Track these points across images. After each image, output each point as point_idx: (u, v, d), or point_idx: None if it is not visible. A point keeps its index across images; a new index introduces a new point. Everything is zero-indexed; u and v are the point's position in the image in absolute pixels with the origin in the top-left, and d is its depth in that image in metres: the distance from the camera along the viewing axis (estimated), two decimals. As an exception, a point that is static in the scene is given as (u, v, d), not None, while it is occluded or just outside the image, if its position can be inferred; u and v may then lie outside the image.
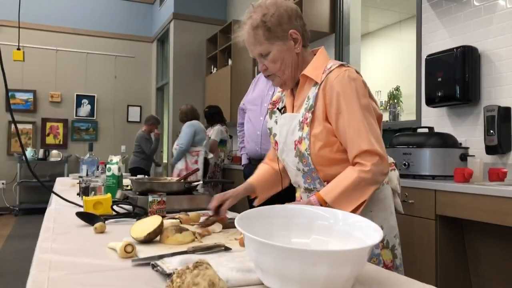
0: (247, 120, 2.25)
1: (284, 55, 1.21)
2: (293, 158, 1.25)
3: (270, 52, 1.21)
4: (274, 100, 1.40)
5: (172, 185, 1.69)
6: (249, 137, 2.20)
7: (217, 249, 0.98)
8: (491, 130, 2.35)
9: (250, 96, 2.27)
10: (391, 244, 1.24)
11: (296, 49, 1.22)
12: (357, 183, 1.10)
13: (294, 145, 1.23)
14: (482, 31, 2.58)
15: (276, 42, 1.20)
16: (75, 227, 1.30)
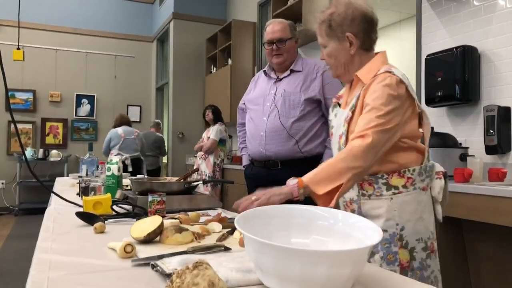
0: (248, 120, 2.17)
1: (338, 54, 1.32)
2: (336, 151, 1.35)
3: (327, 46, 1.34)
4: (339, 95, 1.49)
5: (171, 185, 1.69)
6: (252, 137, 2.11)
7: (217, 249, 0.97)
8: (491, 130, 2.35)
9: (251, 95, 2.19)
10: (411, 246, 1.26)
11: (351, 51, 1.31)
12: (333, 165, 1.17)
13: (338, 139, 1.34)
14: (482, 31, 2.58)
15: (333, 40, 1.32)
16: (75, 227, 1.30)
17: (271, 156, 2.03)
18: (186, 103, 6.45)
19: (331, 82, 2.01)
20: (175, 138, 6.39)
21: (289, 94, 2.01)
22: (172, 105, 6.41)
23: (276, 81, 2.10)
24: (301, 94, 1.99)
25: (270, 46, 2.06)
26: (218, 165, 4.68)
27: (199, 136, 5.06)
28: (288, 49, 2.06)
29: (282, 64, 2.08)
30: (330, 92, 1.95)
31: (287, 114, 1.99)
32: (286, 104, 2.00)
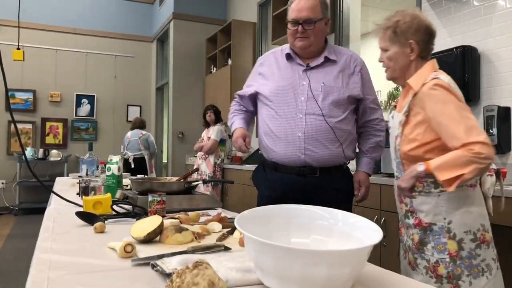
0: (270, 116, 1.73)
1: (398, 57, 1.48)
2: (392, 150, 1.55)
3: (388, 50, 1.50)
4: (396, 99, 1.70)
5: (171, 185, 1.69)
6: (281, 139, 1.68)
7: (217, 249, 0.98)
8: (491, 130, 2.35)
9: (274, 84, 1.73)
10: (459, 237, 1.40)
11: (411, 56, 1.47)
12: (459, 157, 1.27)
13: (394, 139, 1.53)
14: (481, 31, 2.58)
15: (395, 45, 1.48)
16: (74, 227, 1.30)
17: (311, 163, 1.67)
18: (186, 103, 6.44)
19: (369, 80, 1.79)
20: (175, 138, 6.39)
21: (330, 88, 1.67)
22: (172, 105, 6.41)
23: (306, 69, 1.71)
24: (344, 90, 1.68)
25: (295, 27, 1.65)
26: (219, 165, 4.68)
27: (199, 136, 5.05)
28: (317, 32, 1.67)
29: (307, 49, 1.70)
30: (368, 91, 1.77)
31: (330, 113, 1.66)
32: (329, 101, 1.66)
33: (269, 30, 5.19)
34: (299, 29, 1.64)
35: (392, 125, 1.58)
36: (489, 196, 1.48)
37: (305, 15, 1.64)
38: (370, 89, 1.79)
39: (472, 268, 1.40)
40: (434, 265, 1.41)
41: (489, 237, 1.45)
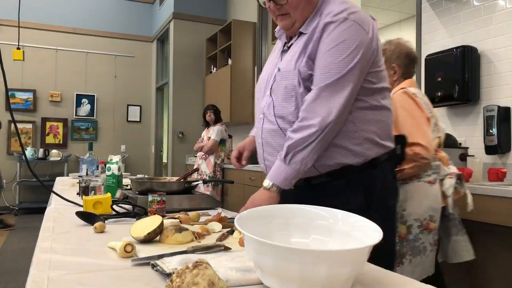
0: None
1: None
2: None
3: None
4: None
5: (172, 184, 1.69)
6: (256, 145, 1.45)
7: (217, 249, 0.98)
8: (491, 130, 2.36)
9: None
10: (409, 223, 1.72)
11: (394, 77, 1.88)
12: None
13: None
14: (481, 31, 2.58)
15: None
16: (74, 226, 1.30)
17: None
18: (186, 103, 6.45)
19: (328, 44, 1.19)
20: (175, 138, 6.39)
21: (281, 75, 1.27)
22: (172, 105, 6.41)
23: (283, 50, 1.35)
24: (294, 73, 1.23)
25: (268, 4, 1.28)
26: (219, 165, 4.68)
27: (199, 136, 5.05)
28: (294, 4, 1.24)
29: (291, 28, 1.29)
30: (319, 63, 1.19)
31: (280, 110, 1.27)
32: (279, 93, 1.27)
33: (269, 30, 5.20)
34: (271, 6, 1.27)
35: None
36: (448, 195, 1.77)
37: None
38: (325, 58, 1.18)
39: (414, 249, 1.72)
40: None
41: (433, 226, 1.74)
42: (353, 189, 1.24)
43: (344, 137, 1.23)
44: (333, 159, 1.23)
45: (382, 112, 1.28)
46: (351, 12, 1.18)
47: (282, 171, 1.18)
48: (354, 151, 1.23)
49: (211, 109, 4.82)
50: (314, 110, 1.16)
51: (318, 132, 1.15)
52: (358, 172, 1.24)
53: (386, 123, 1.30)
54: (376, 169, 1.26)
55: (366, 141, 1.24)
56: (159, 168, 7.59)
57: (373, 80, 1.24)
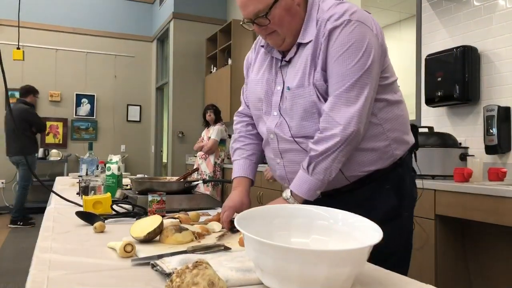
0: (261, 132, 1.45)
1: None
2: None
3: None
4: None
5: (172, 184, 1.69)
6: (271, 164, 1.41)
7: (217, 249, 0.98)
8: (491, 130, 2.35)
9: (249, 92, 1.39)
10: None
11: None
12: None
13: None
14: (482, 31, 2.58)
15: None
16: (74, 226, 1.30)
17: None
18: (186, 103, 6.44)
19: (336, 52, 1.12)
20: (175, 138, 6.39)
21: (294, 93, 1.18)
22: (172, 104, 6.41)
23: (282, 65, 1.25)
24: (311, 89, 1.16)
25: (252, 27, 1.21)
26: (219, 165, 4.67)
27: (199, 136, 5.05)
28: (280, 21, 1.16)
29: (282, 44, 1.21)
30: (330, 73, 1.13)
31: (303, 129, 1.19)
32: (297, 112, 1.18)
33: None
34: (256, 28, 1.19)
35: None
36: None
37: (251, 10, 1.15)
38: (337, 65, 1.12)
39: None
40: None
41: None
42: (385, 191, 1.21)
43: (372, 141, 1.19)
44: (363, 166, 1.19)
45: (399, 106, 1.24)
46: (352, 12, 1.14)
47: (305, 181, 1.14)
48: (383, 154, 1.19)
49: (211, 109, 4.81)
50: (334, 119, 1.11)
51: (342, 141, 1.10)
52: (387, 174, 1.21)
53: (404, 117, 1.26)
54: (402, 167, 1.24)
55: (393, 141, 1.21)
56: (159, 168, 7.59)
57: (386, 75, 1.21)
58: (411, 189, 1.29)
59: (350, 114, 1.09)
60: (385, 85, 1.20)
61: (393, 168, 1.21)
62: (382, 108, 1.19)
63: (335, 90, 1.12)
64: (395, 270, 0.86)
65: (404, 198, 1.23)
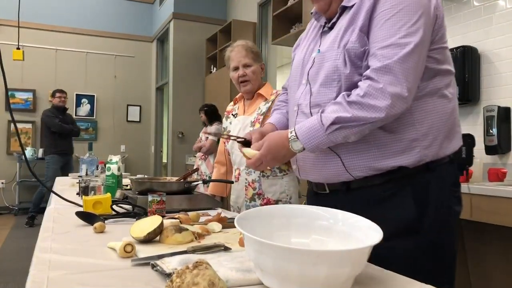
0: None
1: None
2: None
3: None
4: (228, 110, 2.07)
5: (171, 185, 1.69)
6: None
7: (217, 249, 0.97)
8: (491, 130, 2.36)
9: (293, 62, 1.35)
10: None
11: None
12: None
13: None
14: (482, 31, 2.58)
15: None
16: (74, 226, 1.30)
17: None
18: (186, 103, 6.44)
19: (386, 13, 1.01)
20: (175, 138, 6.39)
21: (322, 58, 1.11)
22: (172, 105, 6.41)
23: (323, 31, 1.19)
24: (340, 52, 1.06)
25: None
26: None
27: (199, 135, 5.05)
28: None
29: (328, 9, 1.16)
30: (378, 33, 1.01)
31: (317, 99, 1.11)
32: (319, 79, 1.10)
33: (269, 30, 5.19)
34: None
35: (237, 126, 1.95)
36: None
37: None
38: (385, 28, 1.00)
39: None
40: None
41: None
42: (401, 196, 1.05)
43: (398, 131, 1.03)
44: (381, 159, 1.04)
45: (445, 101, 1.07)
46: None
47: (317, 136, 1.02)
48: (408, 149, 1.03)
49: (202, 110, 4.85)
50: (384, 89, 0.96)
51: (382, 119, 0.97)
52: (409, 176, 1.04)
53: (450, 117, 1.08)
54: (432, 173, 1.05)
55: (423, 138, 1.03)
56: (159, 168, 7.59)
57: (437, 58, 1.05)
58: (443, 206, 1.07)
59: (401, 89, 0.96)
60: (434, 70, 1.05)
61: (418, 171, 1.04)
62: (420, 96, 1.04)
63: (385, 57, 0.99)
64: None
65: (426, 212, 1.04)
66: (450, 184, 1.10)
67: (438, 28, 1.05)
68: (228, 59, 2.02)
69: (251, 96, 1.99)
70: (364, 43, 1.03)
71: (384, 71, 0.97)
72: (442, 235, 1.07)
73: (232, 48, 2.00)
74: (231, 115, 2.09)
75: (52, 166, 5.54)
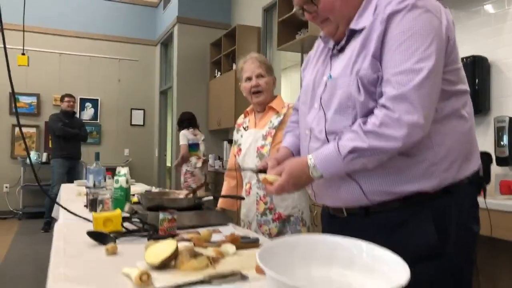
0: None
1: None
2: (253, 158, 1.87)
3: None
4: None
5: (182, 201, 1.67)
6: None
7: (234, 278, 0.95)
8: (501, 142, 2.33)
9: (303, 84, 1.35)
10: (308, 224, 1.86)
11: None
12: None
13: (257, 149, 1.86)
14: (492, 40, 2.55)
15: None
16: (86, 246, 1.28)
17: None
18: (190, 107, 6.40)
19: (399, 36, 0.99)
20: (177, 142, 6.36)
21: (335, 83, 1.09)
22: (176, 109, 6.39)
23: (333, 54, 1.17)
24: (353, 79, 1.04)
25: (303, 16, 1.15)
26: (190, 172, 4.81)
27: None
28: (329, 7, 1.10)
29: (336, 33, 1.14)
30: (392, 58, 0.99)
31: (333, 126, 1.09)
32: (333, 106, 1.08)
33: (274, 35, 5.17)
34: (306, 15, 1.14)
35: (248, 139, 1.94)
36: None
37: None
38: (398, 54, 0.98)
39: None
40: None
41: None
42: (421, 220, 1.02)
43: (416, 155, 1.01)
44: (400, 184, 1.02)
45: (462, 122, 1.06)
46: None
47: (335, 165, 1.01)
48: (427, 173, 1.01)
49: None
50: (400, 119, 0.95)
51: (400, 148, 0.97)
52: (428, 200, 1.02)
53: (468, 137, 1.07)
54: (452, 196, 1.04)
55: (442, 161, 1.02)
56: (162, 172, 7.57)
57: (451, 79, 1.04)
58: (463, 228, 1.05)
59: (418, 117, 0.94)
60: (449, 91, 1.04)
61: (437, 195, 1.02)
62: (437, 119, 1.02)
63: (399, 84, 0.97)
64: None
65: (448, 236, 1.02)
66: (469, 206, 1.09)
67: (451, 49, 1.04)
68: (241, 70, 2.00)
69: (262, 108, 1.97)
70: (377, 69, 1.02)
71: (399, 99, 0.96)
72: (462, 258, 1.06)
73: (245, 59, 1.99)
74: (241, 128, 2.07)
75: (57, 170, 5.51)
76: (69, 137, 5.56)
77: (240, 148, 1.99)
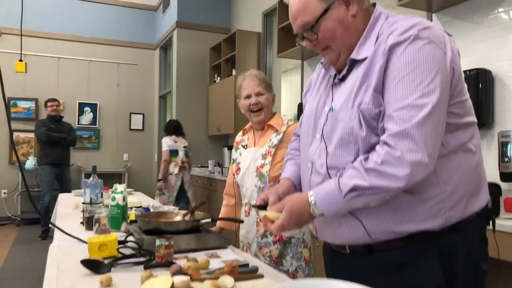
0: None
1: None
2: (253, 177, 1.83)
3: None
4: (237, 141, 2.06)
5: (179, 223, 1.63)
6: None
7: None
8: (506, 158, 2.29)
9: (303, 114, 1.31)
10: (309, 245, 1.81)
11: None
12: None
13: (256, 168, 1.83)
14: (496, 53, 2.51)
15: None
16: (80, 275, 1.24)
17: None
18: (189, 112, 6.39)
19: (401, 70, 0.95)
20: (178, 148, 6.32)
21: (336, 116, 1.05)
22: (176, 113, 6.36)
23: (334, 84, 1.14)
24: (354, 112, 1.01)
25: (302, 40, 1.11)
26: (169, 174, 5.19)
27: (202, 145, 5.07)
28: (329, 35, 1.05)
29: (337, 61, 1.10)
30: (393, 93, 0.95)
31: (334, 162, 1.05)
32: (334, 141, 1.05)
33: (274, 40, 5.14)
34: (306, 44, 1.11)
35: (247, 158, 1.90)
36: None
37: (299, 23, 1.08)
38: (400, 88, 0.95)
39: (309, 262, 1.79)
40: (293, 273, 1.74)
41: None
42: (427, 259, 0.98)
43: (422, 192, 0.97)
44: (405, 223, 0.98)
45: (470, 155, 1.02)
46: (423, 27, 0.96)
47: (336, 203, 0.98)
48: (432, 211, 0.97)
49: None
50: (402, 157, 0.91)
51: (403, 188, 0.93)
52: (434, 238, 0.98)
53: (476, 171, 1.03)
54: (459, 233, 0.99)
55: (449, 198, 0.97)
56: (161, 177, 7.52)
57: (457, 112, 1.00)
58: (471, 266, 1.02)
59: (422, 156, 0.90)
60: (455, 124, 1.00)
61: (443, 233, 0.98)
62: (444, 154, 0.97)
63: (402, 120, 0.94)
64: None
65: (455, 275, 0.99)
66: (478, 242, 1.06)
67: (456, 82, 0.99)
68: (240, 88, 1.97)
69: (261, 127, 1.93)
70: (378, 103, 0.98)
71: (402, 136, 0.92)
72: None
73: (244, 76, 1.96)
74: (240, 146, 2.04)
75: (44, 178, 5.42)
76: (55, 143, 5.42)
77: (239, 167, 1.95)
